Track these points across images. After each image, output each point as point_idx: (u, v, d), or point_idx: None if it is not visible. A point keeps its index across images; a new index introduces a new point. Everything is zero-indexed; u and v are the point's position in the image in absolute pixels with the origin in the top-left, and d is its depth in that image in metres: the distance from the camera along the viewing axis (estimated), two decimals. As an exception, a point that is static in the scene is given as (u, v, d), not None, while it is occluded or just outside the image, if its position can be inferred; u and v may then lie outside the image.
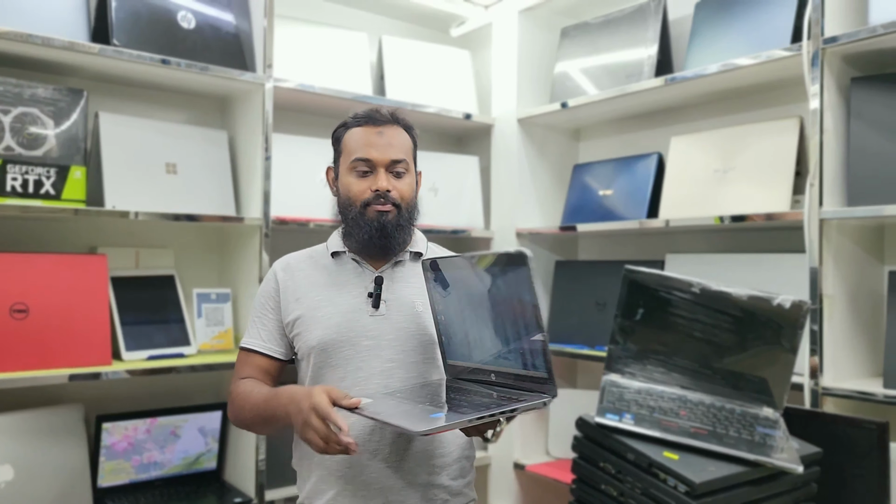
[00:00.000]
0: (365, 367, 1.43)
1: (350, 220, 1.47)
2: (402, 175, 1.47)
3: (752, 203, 2.01)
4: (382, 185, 1.44)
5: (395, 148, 1.46)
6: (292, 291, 1.51)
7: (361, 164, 1.46)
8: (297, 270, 1.54)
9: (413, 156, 1.53)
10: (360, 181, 1.46)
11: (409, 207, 1.48)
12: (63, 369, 1.87)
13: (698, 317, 1.57)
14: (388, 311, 1.46)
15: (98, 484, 2.03)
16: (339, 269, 1.51)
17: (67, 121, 1.96)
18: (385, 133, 1.46)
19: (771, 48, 1.92)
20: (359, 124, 1.49)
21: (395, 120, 1.50)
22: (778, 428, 1.48)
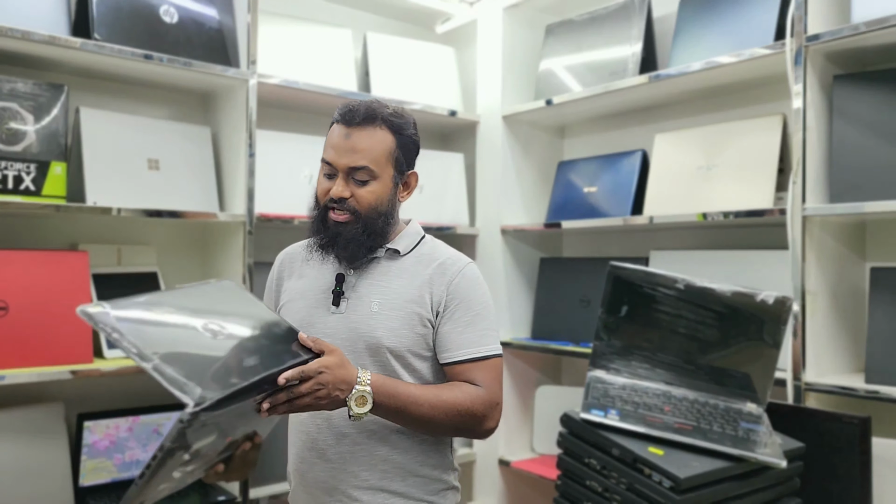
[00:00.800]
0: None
1: (313, 219, 1.46)
2: (366, 183, 1.40)
3: (735, 200, 2.03)
4: (335, 192, 1.39)
5: (359, 154, 1.38)
6: (284, 281, 1.56)
7: (326, 166, 1.42)
8: (293, 261, 1.57)
9: (392, 159, 1.43)
10: (325, 182, 1.43)
11: (370, 216, 1.41)
12: (43, 367, 1.85)
13: (682, 313, 1.57)
14: (346, 310, 1.43)
15: (80, 483, 2.01)
16: (322, 262, 1.50)
17: (48, 116, 1.93)
18: (352, 136, 1.39)
19: (754, 46, 1.93)
20: (337, 120, 1.44)
21: (370, 120, 1.40)
22: (761, 423, 1.49)
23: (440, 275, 1.43)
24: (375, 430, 1.40)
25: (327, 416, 1.41)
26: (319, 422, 1.42)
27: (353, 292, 1.44)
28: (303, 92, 2.33)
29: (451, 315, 1.42)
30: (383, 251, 1.47)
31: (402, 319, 1.40)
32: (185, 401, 1.02)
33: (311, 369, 1.22)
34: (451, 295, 1.42)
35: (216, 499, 2.08)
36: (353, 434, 1.40)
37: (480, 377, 1.39)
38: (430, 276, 1.43)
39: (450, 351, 1.41)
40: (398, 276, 1.45)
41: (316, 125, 2.58)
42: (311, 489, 1.43)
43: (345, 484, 1.39)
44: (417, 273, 1.44)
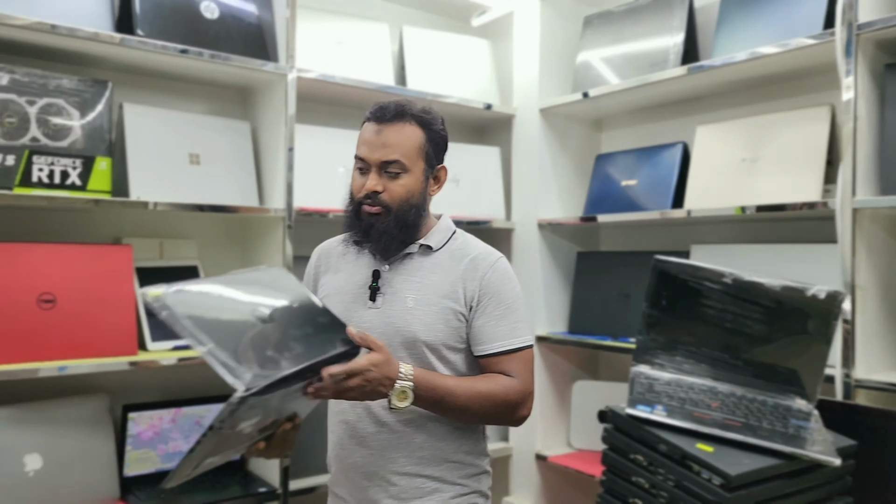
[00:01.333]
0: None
1: (347, 214, 1.51)
2: (398, 176, 1.44)
3: (781, 193, 1.99)
4: (369, 185, 1.44)
5: (391, 148, 1.43)
6: (321, 275, 1.61)
7: (359, 161, 1.48)
8: (329, 256, 1.62)
9: (423, 153, 1.47)
10: (359, 178, 1.48)
11: (402, 209, 1.45)
12: (90, 359, 1.88)
13: (729, 307, 1.55)
14: (383, 305, 1.48)
15: (124, 473, 2.04)
16: (358, 258, 1.56)
17: (92, 112, 1.96)
18: (384, 132, 1.44)
19: (801, 34, 1.89)
20: (369, 119, 1.49)
21: (400, 116, 1.45)
22: (812, 420, 1.46)
23: (472, 270, 1.49)
24: (413, 419, 1.46)
25: (367, 406, 1.47)
26: (360, 411, 1.48)
27: (388, 287, 1.49)
28: (340, 86, 2.33)
29: (483, 309, 1.47)
30: (416, 247, 1.51)
31: (436, 314, 1.45)
32: (237, 385, 1.07)
33: (359, 366, 1.27)
34: (483, 290, 1.47)
35: (257, 489, 2.10)
36: (391, 423, 1.46)
37: (513, 368, 1.46)
38: (462, 272, 1.48)
39: (484, 344, 1.47)
40: (431, 271, 1.49)
41: (353, 119, 2.59)
42: (351, 474, 1.50)
43: (384, 469, 1.46)
44: (450, 268, 1.49)
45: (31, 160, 1.85)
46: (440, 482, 1.47)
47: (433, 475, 1.47)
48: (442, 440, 1.48)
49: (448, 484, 1.48)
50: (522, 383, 1.46)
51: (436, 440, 1.47)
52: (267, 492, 2.10)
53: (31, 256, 1.84)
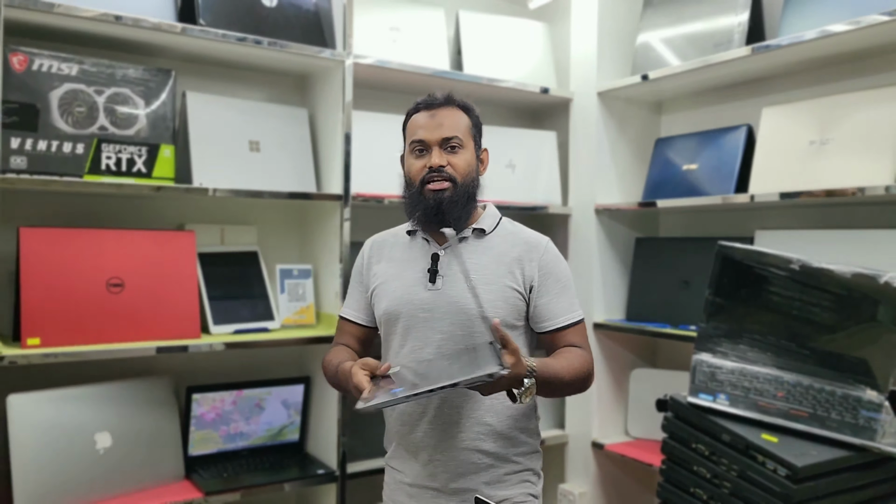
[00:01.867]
0: (421, 336, 1.55)
1: (410, 197, 1.60)
2: (457, 150, 1.56)
3: (850, 176, 1.91)
4: (435, 162, 1.54)
5: (447, 127, 1.56)
6: (374, 265, 1.68)
7: (417, 145, 1.58)
8: (381, 248, 1.70)
9: (472, 134, 1.61)
10: (418, 161, 1.58)
11: (465, 182, 1.56)
12: (155, 341, 1.94)
13: (796, 295, 1.50)
14: (443, 286, 1.56)
15: (189, 452, 2.10)
16: (412, 245, 1.65)
17: (157, 100, 2.01)
18: (437, 115, 1.57)
19: (874, 11, 1.80)
20: (417, 110, 1.61)
21: (448, 102, 1.60)
22: (882, 411, 1.41)
23: (528, 252, 1.59)
24: (473, 395, 1.52)
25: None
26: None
27: (447, 269, 1.58)
28: (396, 72, 2.33)
29: (546, 289, 1.57)
30: (470, 231, 1.61)
31: (496, 292, 1.55)
32: (493, 370, 1.23)
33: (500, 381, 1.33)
34: (542, 270, 1.57)
35: (315, 472, 2.14)
36: (452, 398, 1.53)
37: (577, 339, 1.57)
38: (518, 255, 1.59)
39: (550, 320, 1.57)
40: (485, 253, 1.59)
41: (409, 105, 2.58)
42: (411, 448, 1.57)
43: (444, 444, 1.53)
44: (505, 251, 1.59)
45: (100, 148, 1.91)
46: (495, 458, 1.54)
47: (489, 450, 1.54)
48: (498, 415, 1.54)
49: (502, 461, 1.55)
50: (590, 353, 1.57)
51: (493, 416, 1.54)
52: (325, 474, 2.14)
53: (101, 242, 1.91)
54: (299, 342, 2.13)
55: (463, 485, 1.53)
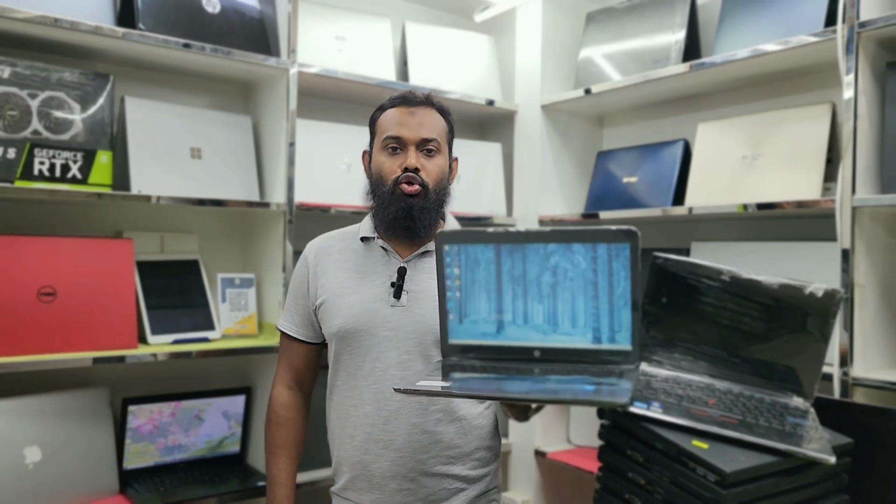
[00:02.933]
0: (383, 357, 1.45)
1: (378, 197, 1.48)
2: (433, 155, 1.48)
3: (781, 190, 1.98)
4: (411, 163, 1.44)
5: (427, 127, 1.47)
6: (321, 275, 1.54)
7: (392, 142, 1.47)
8: (328, 254, 1.57)
9: (447, 140, 1.53)
10: (391, 159, 1.47)
11: (437, 190, 1.48)
12: (90, 352, 1.89)
13: (727, 305, 1.55)
14: (409, 303, 1.47)
15: (124, 466, 2.05)
16: (367, 255, 1.53)
17: (94, 105, 1.96)
18: (417, 113, 1.48)
19: (802, 32, 1.88)
20: (393, 105, 1.51)
21: (429, 102, 1.51)
22: (808, 418, 1.46)
23: None
24: (441, 418, 1.45)
25: (397, 409, 1.44)
26: (387, 414, 1.45)
27: (413, 286, 1.47)
28: (342, 81, 2.33)
29: None
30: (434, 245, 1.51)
31: None
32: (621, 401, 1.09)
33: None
34: None
35: (255, 483, 2.11)
36: (422, 423, 1.44)
37: None
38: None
39: None
40: None
41: (355, 115, 2.59)
42: (375, 480, 1.46)
43: (413, 472, 1.44)
44: None
45: (33, 153, 1.86)
46: (465, 481, 1.48)
47: (460, 474, 1.47)
48: (467, 437, 1.48)
49: (472, 483, 1.49)
50: None
51: (462, 437, 1.48)
52: (265, 486, 2.11)
53: (32, 250, 1.85)
54: (241, 352, 2.10)
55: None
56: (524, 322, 1.22)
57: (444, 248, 1.27)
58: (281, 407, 1.60)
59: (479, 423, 1.50)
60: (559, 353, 1.20)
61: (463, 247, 1.26)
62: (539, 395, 1.07)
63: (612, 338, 1.14)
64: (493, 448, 1.54)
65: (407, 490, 1.44)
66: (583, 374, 1.11)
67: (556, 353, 1.20)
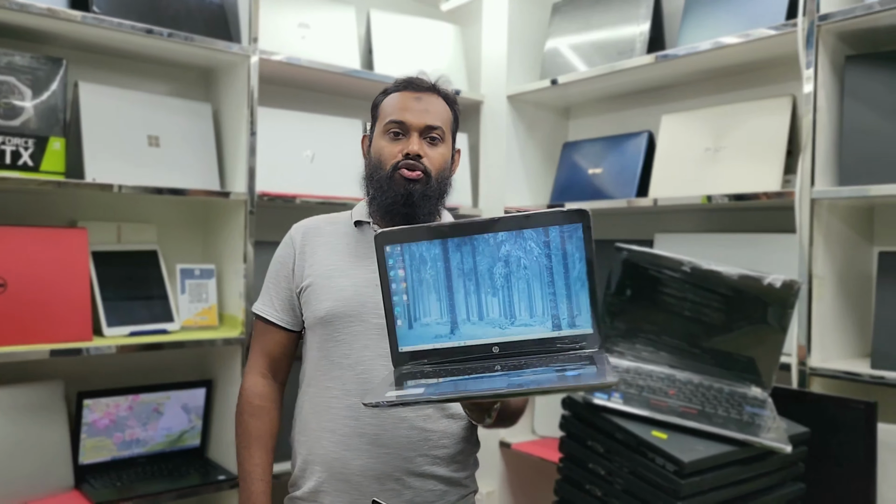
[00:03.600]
0: (372, 345, 1.39)
1: (376, 182, 1.43)
2: (437, 143, 1.43)
3: (742, 182, 2.00)
4: (413, 149, 1.39)
5: (432, 114, 1.42)
6: (308, 256, 1.48)
7: (395, 126, 1.42)
8: (317, 235, 1.50)
9: (452, 129, 1.49)
10: (393, 144, 1.42)
11: (439, 178, 1.43)
12: (43, 345, 1.83)
13: (688, 296, 1.56)
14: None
15: (79, 461, 2.00)
16: (361, 239, 1.48)
17: (46, 91, 1.90)
18: (423, 99, 1.43)
19: (765, 25, 1.89)
20: (398, 89, 1.46)
21: (436, 89, 1.46)
22: (766, 407, 1.48)
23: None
24: (430, 415, 1.40)
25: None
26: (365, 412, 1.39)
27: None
28: (305, 69, 2.29)
29: None
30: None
31: None
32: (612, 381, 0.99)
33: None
34: None
35: (216, 478, 2.08)
36: (411, 418, 1.38)
37: None
38: None
39: None
40: None
41: (318, 103, 2.55)
42: (356, 477, 1.38)
43: (399, 470, 1.38)
44: None
45: (-19, 140, 1.80)
46: (448, 483, 1.43)
47: (444, 475, 1.42)
48: (453, 436, 1.43)
49: (454, 486, 1.45)
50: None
51: (448, 437, 1.43)
52: (227, 480, 2.08)
53: (-19, 239, 1.79)
54: (201, 344, 2.06)
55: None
56: (479, 318, 1.16)
57: (386, 250, 1.18)
58: (255, 396, 1.51)
59: (464, 423, 1.46)
60: (520, 346, 1.15)
61: (406, 246, 1.18)
62: (522, 389, 1.01)
63: (572, 322, 1.11)
64: (473, 451, 1.51)
65: (391, 491, 1.37)
66: (550, 364, 1.08)
67: (517, 346, 1.15)
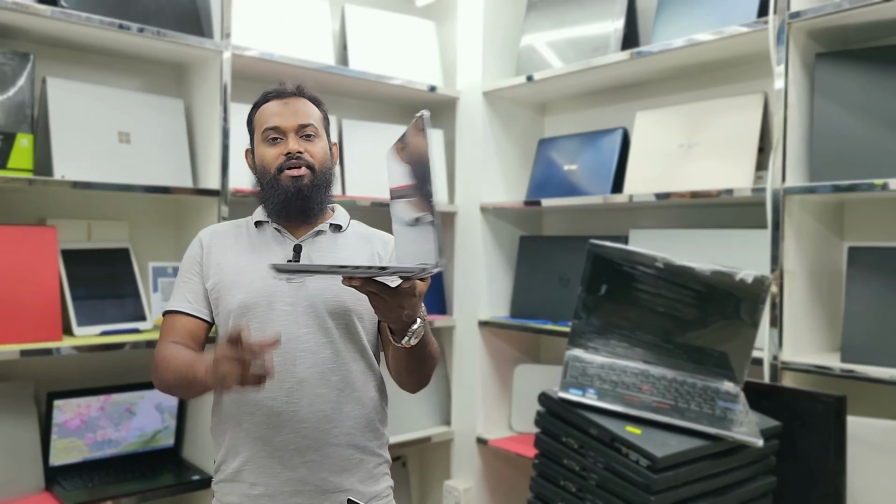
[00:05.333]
0: (284, 331, 1.47)
1: (266, 186, 1.54)
2: (312, 139, 1.54)
3: (715, 178, 2.02)
4: (293, 148, 1.51)
5: (302, 114, 1.54)
6: (216, 256, 1.56)
7: (271, 133, 1.53)
8: (223, 238, 1.59)
9: (324, 126, 1.60)
10: (273, 148, 1.53)
11: (323, 170, 1.54)
12: (11, 345, 1.80)
13: (661, 291, 1.56)
14: (306, 279, 1.51)
15: (50, 462, 1.97)
16: (262, 237, 1.58)
17: (13, 86, 1.87)
18: (290, 103, 1.55)
19: (737, 22, 1.91)
20: (267, 100, 1.57)
21: (300, 93, 1.58)
22: (738, 402, 1.49)
23: (384, 247, 1.61)
24: (343, 388, 1.50)
25: (300, 380, 1.47)
26: (290, 385, 1.47)
27: (308, 263, 1.52)
28: (279, 65, 2.27)
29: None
30: (327, 226, 1.59)
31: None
32: (431, 262, 1.12)
33: (420, 289, 1.27)
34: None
35: (190, 478, 2.06)
36: (325, 393, 1.48)
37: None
38: (373, 249, 1.60)
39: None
40: (345, 248, 1.58)
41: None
42: (276, 452, 1.47)
43: (319, 442, 1.47)
44: (362, 246, 1.60)
45: (-55, 136, 1.76)
46: (364, 452, 1.52)
47: (360, 444, 1.51)
48: (365, 407, 1.53)
49: (369, 455, 1.54)
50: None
51: (361, 408, 1.52)
52: (201, 480, 2.06)
53: (-54, 237, 1.76)
54: (173, 343, 2.04)
55: (338, 485, 1.49)
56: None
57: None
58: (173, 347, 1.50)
59: (371, 395, 1.55)
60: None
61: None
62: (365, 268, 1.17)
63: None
64: (384, 420, 1.59)
65: (311, 462, 1.46)
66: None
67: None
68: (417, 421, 2.66)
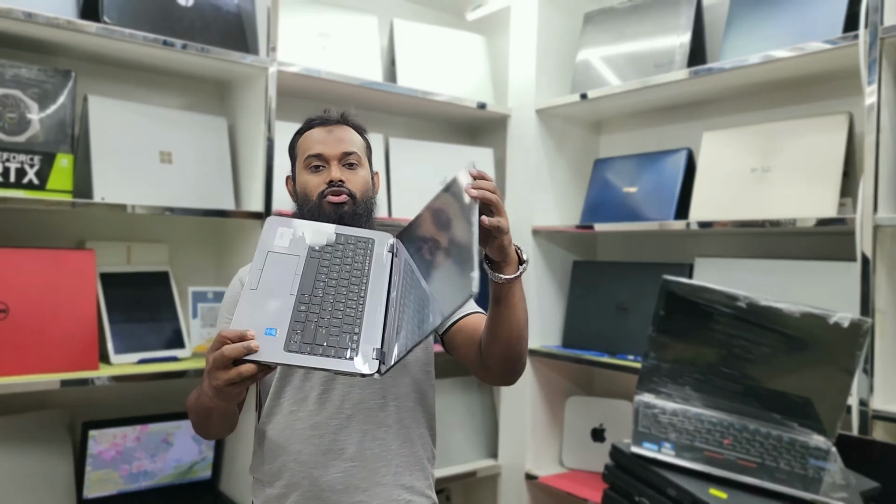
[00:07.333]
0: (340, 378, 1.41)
1: (307, 213, 1.50)
2: (355, 168, 1.52)
3: (794, 205, 1.86)
4: (335, 175, 1.48)
5: (346, 142, 1.52)
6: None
7: (314, 160, 1.51)
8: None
9: (366, 154, 1.58)
10: (315, 176, 1.51)
11: (364, 199, 1.51)
12: (46, 375, 1.73)
13: (742, 333, 1.42)
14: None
15: (84, 495, 1.89)
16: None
17: (53, 104, 1.80)
18: (335, 131, 1.53)
19: (817, 37, 1.76)
20: (310, 127, 1.55)
21: (344, 120, 1.56)
22: (831, 459, 1.34)
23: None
24: (391, 425, 1.43)
25: (349, 416, 1.41)
26: (338, 423, 1.40)
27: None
28: (325, 81, 2.18)
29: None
30: None
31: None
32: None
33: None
34: None
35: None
36: (372, 430, 1.41)
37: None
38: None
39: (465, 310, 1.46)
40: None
41: (338, 117, 2.44)
42: (325, 493, 1.39)
43: (367, 482, 1.39)
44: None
45: (-16, 156, 1.70)
46: (412, 492, 1.44)
47: (408, 484, 1.43)
48: (412, 445, 1.45)
49: (417, 495, 1.45)
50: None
51: (408, 446, 1.45)
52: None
53: (-18, 262, 1.69)
54: (212, 372, 1.95)
55: None
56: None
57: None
58: (195, 392, 1.43)
59: (421, 431, 1.48)
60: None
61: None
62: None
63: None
64: (432, 459, 1.52)
65: (359, 503, 1.39)
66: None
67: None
68: (463, 453, 2.53)
